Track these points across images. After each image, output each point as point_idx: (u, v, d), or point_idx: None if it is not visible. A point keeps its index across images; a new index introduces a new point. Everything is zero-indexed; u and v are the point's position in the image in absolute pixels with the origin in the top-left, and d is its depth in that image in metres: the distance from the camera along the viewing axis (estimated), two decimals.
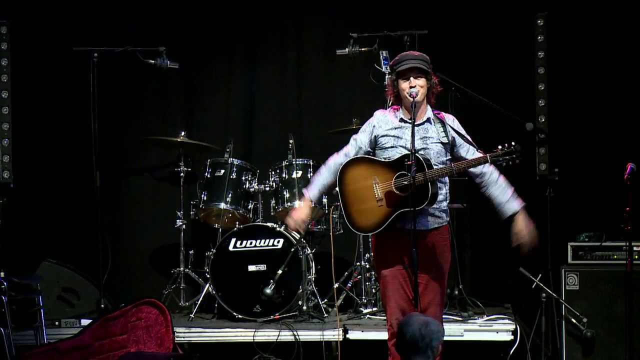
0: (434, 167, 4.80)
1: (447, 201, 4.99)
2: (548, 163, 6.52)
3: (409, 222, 4.73)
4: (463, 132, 4.97)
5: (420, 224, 4.82)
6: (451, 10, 7.12)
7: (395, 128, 4.94)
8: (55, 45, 7.18)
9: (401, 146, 4.89)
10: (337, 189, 5.03)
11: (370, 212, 4.88)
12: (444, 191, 4.94)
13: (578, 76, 6.83)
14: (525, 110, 6.51)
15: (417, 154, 4.75)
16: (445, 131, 4.93)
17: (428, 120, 4.95)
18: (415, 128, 4.80)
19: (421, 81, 4.86)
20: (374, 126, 5.00)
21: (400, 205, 4.79)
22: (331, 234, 5.62)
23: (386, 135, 4.94)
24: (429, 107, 4.99)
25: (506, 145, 4.68)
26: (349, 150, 5.06)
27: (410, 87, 4.84)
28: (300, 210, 5.15)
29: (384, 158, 4.92)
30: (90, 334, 5.62)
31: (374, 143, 5.00)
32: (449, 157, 4.96)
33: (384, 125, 4.97)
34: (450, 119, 5.03)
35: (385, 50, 6.57)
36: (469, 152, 4.93)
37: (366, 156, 5.01)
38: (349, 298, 6.72)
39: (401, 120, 4.95)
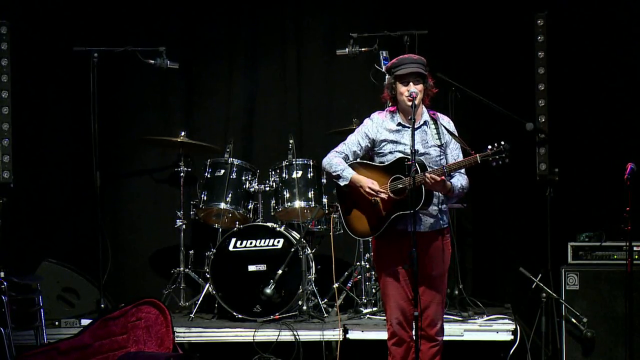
0: (429, 169, 4.80)
1: (447, 203, 4.98)
2: (548, 163, 6.51)
3: (409, 224, 4.74)
4: (456, 134, 4.98)
5: (420, 226, 4.83)
6: (451, 10, 7.13)
7: (393, 133, 4.94)
8: (55, 45, 7.18)
9: (399, 151, 4.89)
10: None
11: (367, 217, 4.89)
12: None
13: (578, 76, 6.82)
14: (525, 110, 6.51)
15: (409, 158, 4.76)
16: (438, 132, 4.93)
17: (425, 123, 4.96)
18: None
19: (420, 86, 4.86)
20: (371, 130, 4.98)
21: (397, 209, 4.80)
22: (331, 234, 5.62)
23: (385, 141, 4.94)
24: (424, 109, 4.99)
25: (495, 144, 4.70)
26: (343, 150, 5.04)
27: (409, 91, 4.84)
28: (362, 179, 4.90)
29: (381, 163, 4.93)
30: (90, 334, 5.61)
31: (370, 147, 5.00)
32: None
33: (381, 130, 4.97)
34: (446, 121, 5.02)
35: (385, 50, 6.57)
36: (452, 156, 4.93)
37: (361, 161, 5.01)
38: (349, 298, 6.73)
39: (399, 124, 4.95)
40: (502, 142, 4.69)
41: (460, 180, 4.89)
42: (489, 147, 4.71)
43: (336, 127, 7.00)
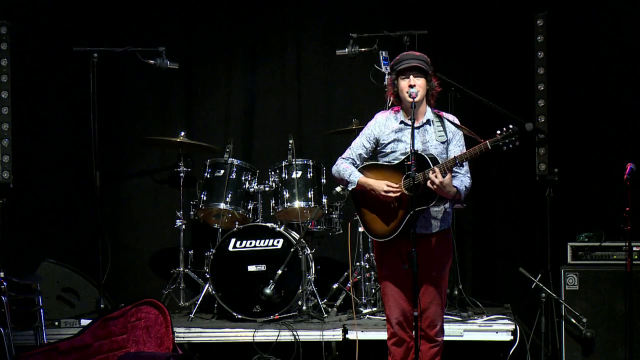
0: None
1: (450, 203, 4.97)
2: (548, 163, 6.52)
3: (419, 225, 4.75)
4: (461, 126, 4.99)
5: (424, 228, 4.84)
6: (451, 10, 7.13)
7: (396, 132, 4.94)
8: (55, 45, 7.18)
9: (401, 151, 4.89)
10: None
11: (385, 218, 4.87)
12: None
13: (578, 76, 6.83)
14: (525, 110, 6.51)
15: (421, 153, 4.77)
16: (443, 129, 4.93)
17: (428, 122, 4.95)
18: (415, 131, 4.80)
19: (420, 81, 4.86)
20: (374, 131, 4.99)
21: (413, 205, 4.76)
22: (349, 231, 5.59)
23: (387, 140, 4.94)
24: (428, 108, 4.99)
25: (504, 129, 4.69)
26: (349, 155, 5.05)
27: (410, 87, 4.83)
28: (372, 182, 4.89)
29: (388, 162, 4.93)
30: (89, 334, 5.61)
31: (375, 147, 5.00)
32: None
33: (384, 129, 4.97)
34: (452, 118, 5.03)
35: (385, 50, 6.57)
36: (454, 152, 4.90)
37: (372, 162, 5.00)
38: (348, 298, 6.72)
39: (401, 122, 4.95)
40: (511, 126, 4.68)
41: (464, 181, 4.89)
42: (498, 132, 4.70)
43: (336, 127, 7.00)
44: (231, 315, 6.38)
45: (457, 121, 5.01)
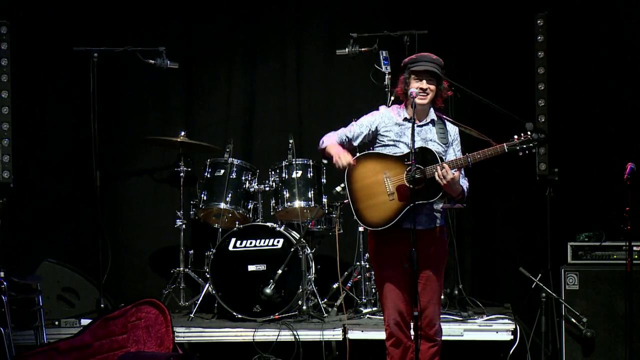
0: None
1: (452, 202, 4.97)
2: (548, 163, 6.52)
3: (409, 221, 4.73)
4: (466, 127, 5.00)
5: (421, 224, 4.83)
6: (451, 10, 7.13)
7: (398, 125, 4.93)
8: (55, 45, 7.18)
9: (402, 144, 4.88)
10: (344, 186, 5.01)
11: (382, 207, 4.84)
12: None
13: (578, 76, 6.83)
14: (525, 110, 6.51)
15: (429, 148, 4.78)
16: (445, 132, 4.93)
17: (431, 122, 4.95)
18: (418, 128, 4.82)
19: (433, 86, 4.86)
20: (377, 120, 4.97)
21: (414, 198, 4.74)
22: (337, 232, 5.60)
23: (387, 132, 4.93)
24: (432, 109, 4.98)
25: (522, 134, 4.71)
26: (347, 132, 5.04)
27: (422, 89, 4.83)
28: (333, 149, 4.99)
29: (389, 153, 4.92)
30: (90, 333, 5.62)
31: (373, 138, 4.98)
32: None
33: (387, 121, 4.96)
34: (452, 120, 5.03)
35: (385, 50, 6.58)
36: (456, 156, 4.93)
37: (374, 151, 4.97)
38: (348, 298, 6.73)
39: (405, 119, 4.94)
40: (529, 132, 4.69)
41: (464, 183, 4.89)
42: (515, 136, 4.71)
43: (336, 127, 6.98)
44: (231, 315, 6.39)
45: (456, 128, 5.02)
